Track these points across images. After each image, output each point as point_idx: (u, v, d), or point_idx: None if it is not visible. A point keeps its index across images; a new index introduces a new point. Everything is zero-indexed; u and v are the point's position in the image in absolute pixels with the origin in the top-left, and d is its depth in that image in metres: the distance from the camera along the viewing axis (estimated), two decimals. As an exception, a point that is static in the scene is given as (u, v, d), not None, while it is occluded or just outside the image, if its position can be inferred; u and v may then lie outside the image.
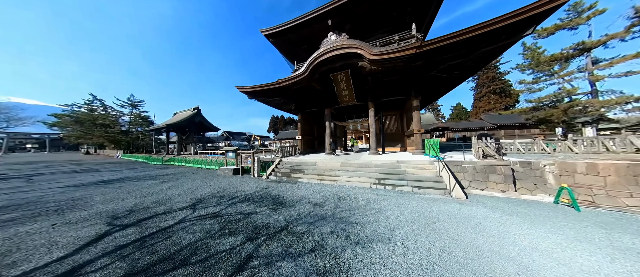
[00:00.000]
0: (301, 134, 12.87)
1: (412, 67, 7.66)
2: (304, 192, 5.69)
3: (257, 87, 10.38)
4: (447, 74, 8.47)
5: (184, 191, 6.28)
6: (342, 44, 7.35)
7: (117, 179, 8.82)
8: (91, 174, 10.58)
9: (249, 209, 4.35)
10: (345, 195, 5.27)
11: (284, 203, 4.69)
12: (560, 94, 11.88)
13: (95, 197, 5.63)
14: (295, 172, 8.15)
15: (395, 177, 6.22)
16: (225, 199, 5.14)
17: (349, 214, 3.94)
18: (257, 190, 6.12)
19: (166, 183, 7.68)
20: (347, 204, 4.56)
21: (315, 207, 4.34)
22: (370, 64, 7.34)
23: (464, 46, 5.88)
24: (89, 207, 4.75)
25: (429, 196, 5.01)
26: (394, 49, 6.54)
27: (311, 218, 3.74)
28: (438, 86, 9.67)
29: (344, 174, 7.06)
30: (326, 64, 8.23)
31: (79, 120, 27.41)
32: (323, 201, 4.79)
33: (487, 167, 5.55)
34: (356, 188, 6.08)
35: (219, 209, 4.33)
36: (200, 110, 20.37)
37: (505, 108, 37.81)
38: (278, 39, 12.03)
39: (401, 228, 3.25)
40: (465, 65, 7.52)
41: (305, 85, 9.25)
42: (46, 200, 5.44)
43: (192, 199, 5.28)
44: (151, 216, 4.02)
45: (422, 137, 9.10)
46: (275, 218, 3.75)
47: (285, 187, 6.42)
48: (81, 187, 7.10)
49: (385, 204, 4.45)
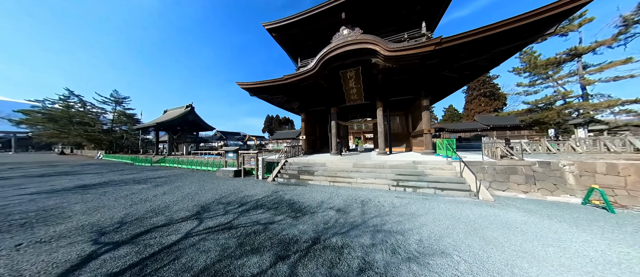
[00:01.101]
0: (305, 133, 12.36)
1: (424, 65, 7.48)
2: (319, 196, 5.22)
3: (260, 83, 9.74)
4: (458, 74, 8.42)
5: (183, 196, 5.56)
6: (355, 38, 6.99)
7: (100, 184, 7.76)
8: (67, 178, 9.31)
9: (265, 217, 3.81)
10: (366, 199, 4.88)
11: (303, 210, 4.20)
12: (555, 97, 12.43)
13: (75, 207, 4.76)
14: (304, 174, 7.65)
15: (414, 178, 5.95)
16: (233, 206, 4.54)
17: (381, 221, 3.54)
18: (267, 194, 5.55)
19: (160, 187, 6.84)
20: (374, 209, 4.17)
21: (341, 214, 3.90)
22: (384, 61, 7.05)
23: (484, 44, 5.76)
24: (66, 219, 3.94)
25: (455, 199, 4.76)
26: (412, 45, 6.28)
27: (341, 227, 3.30)
28: (446, 86, 9.64)
29: (358, 176, 6.69)
30: (337, 60, 7.83)
31: (53, 117, 24.71)
32: (345, 206, 4.37)
33: (507, 167, 5.44)
34: (374, 191, 5.73)
35: (229, 219, 3.75)
36: (193, 108, 19.08)
37: (494, 110, 39.83)
38: (281, 34, 11.43)
39: (447, 237, 2.91)
40: (478, 64, 7.47)
41: (313, 82, 8.78)
42: (9, 211, 4.49)
43: (195, 206, 4.61)
44: (148, 229, 3.35)
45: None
46: (301, 229, 3.26)
47: (297, 190, 5.91)
48: (56, 194, 6.09)
49: (414, 209, 4.12)
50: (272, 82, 9.45)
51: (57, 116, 24.78)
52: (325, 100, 11.29)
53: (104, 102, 26.91)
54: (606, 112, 11.15)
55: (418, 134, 10.81)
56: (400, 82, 9.37)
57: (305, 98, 11.74)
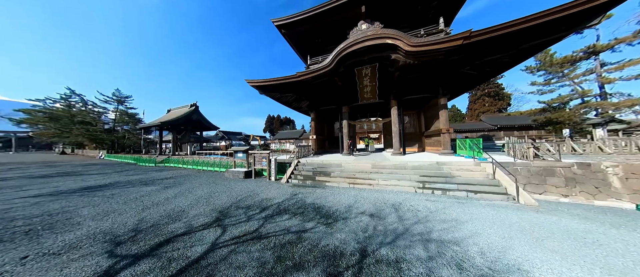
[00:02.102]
0: (315, 133, 12.01)
1: (445, 62, 7.14)
2: (344, 199, 4.87)
3: (270, 80, 9.40)
4: (478, 71, 8.07)
5: (196, 199, 5.20)
6: (375, 33, 6.65)
7: (106, 185, 7.41)
8: (71, 179, 8.96)
9: (294, 225, 3.46)
10: (396, 202, 4.53)
11: (332, 215, 3.85)
12: (572, 96, 12.09)
13: (82, 211, 4.41)
14: (319, 175, 7.29)
15: (441, 180, 5.60)
16: (254, 211, 4.18)
17: (424, 228, 3.19)
18: (286, 198, 5.19)
19: (170, 189, 6.49)
20: (409, 214, 3.82)
21: (377, 220, 3.55)
22: (405, 57, 6.71)
23: (515, 38, 5.42)
24: (75, 225, 3.59)
25: (492, 203, 4.41)
26: (438, 40, 5.94)
27: (384, 236, 2.95)
28: (464, 83, 9.28)
29: (379, 177, 6.34)
30: (354, 56, 7.49)
31: (54, 116, 24.35)
32: (377, 211, 4.02)
33: (544, 169, 5.09)
34: (399, 193, 5.38)
35: (255, 227, 3.39)
36: (198, 107, 18.71)
37: (498, 110, 39.49)
38: (291, 30, 11.10)
39: (511, 249, 2.56)
40: (501, 61, 7.13)
41: (327, 79, 8.43)
42: (12, 216, 4.14)
43: (212, 211, 4.26)
44: (168, 238, 3.00)
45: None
46: (340, 238, 2.91)
47: (316, 193, 5.56)
48: (60, 197, 5.74)
49: (454, 214, 3.77)
50: (284, 80, 9.11)
51: (59, 115, 24.43)
52: (337, 99, 10.95)
53: (106, 101, 26.56)
54: (627, 112, 10.81)
55: (433, 133, 10.46)
56: (417, 80, 9.02)
57: (315, 96, 11.39)
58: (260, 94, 10.44)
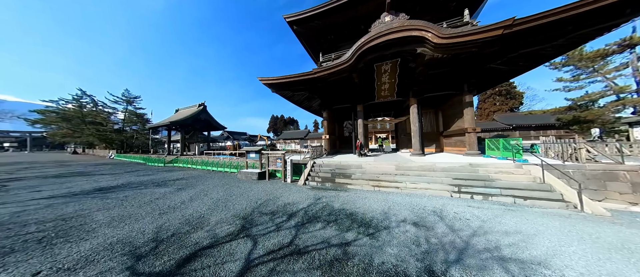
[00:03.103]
0: (327, 133, 11.59)
1: (476, 55, 6.60)
2: (375, 204, 4.42)
3: (284, 78, 9.04)
4: (509, 65, 7.46)
5: (214, 203, 4.86)
6: (401, 25, 6.16)
7: (118, 186, 7.20)
8: (84, 179, 8.84)
9: (332, 235, 3.03)
10: (436, 208, 4.05)
11: (371, 224, 3.41)
12: (605, 92, 11.23)
13: (97, 215, 4.13)
14: (339, 177, 6.86)
15: (479, 184, 5.07)
16: (281, 218, 3.79)
17: (487, 242, 2.71)
18: (311, 202, 4.78)
19: (184, 191, 6.19)
20: (460, 223, 3.34)
21: (425, 231, 3.09)
22: (434, 50, 6.20)
23: (568, 25, 4.84)
24: (90, 233, 3.28)
25: (550, 211, 3.87)
26: (474, 30, 5.41)
27: (445, 252, 2.49)
28: (491, 79, 8.66)
29: (407, 180, 5.85)
30: (376, 51, 7.02)
31: (66, 117, 24.86)
32: (420, 219, 3.56)
33: (603, 173, 4.49)
34: (433, 198, 4.90)
35: (289, 238, 2.99)
36: (206, 107, 18.63)
37: (510, 109, 38.05)
38: (304, 26, 10.72)
39: (618, 275, 2.05)
40: (540, 53, 6.51)
41: (346, 76, 7.99)
42: (25, 220, 3.89)
43: (234, 217, 3.89)
44: (193, 251, 2.63)
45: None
46: (393, 254, 2.47)
47: (342, 197, 5.12)
48: (74, 199, 5.51)
49: (512, 224, 3.26)
50: (298, 77, 8.73)
51: (70, 116, 24.92)
52: (351, 97, 10.49)
53: (116, 101, 26.96)
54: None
55: (454, 133, 9.86)
56: (439, 76, 8.47)
57: (329, 94, 10.97)
58: (273, 92, 10.10)
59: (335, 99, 11.18)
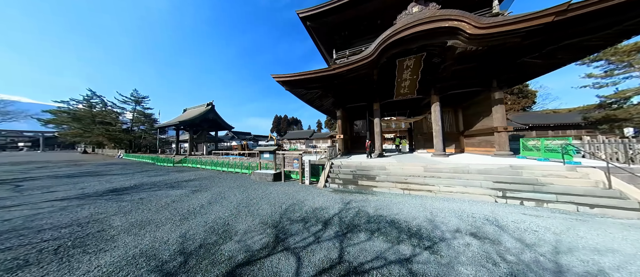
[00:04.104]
0: (341, 132, 11.16)
1: (512, 48, 6.06)
2: (413, 210, 3.97)
3: (299, 75, 8.66)
4: (546, 59, 6.86)
5: (236, 208, 4.50)
6: (433, 15, 5.68)
7: (131, 187, 6.96)
8: (96, 179, 8.69)
9: (384, 249, 2.61)
10: (488, 216, 3.57)
11: (422, 235, 2.96)
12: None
13: (114, 220, 3.82)
14: (362, 179, 6.43)
15: (527, 188, 4.55)
16: (315, 226, 3.39)
17: (580, 263, 2.24)
18: (341, 207, 4.36)
19: (199, 194, 5.88)
20: (526, 235, 2.87)
21: (490, 245, 2.62)
22: (468, 42, 5.69)
23: (630, 9, 4.27)
24: (109, 242, 2.96)
25: (632, 222, 3.33)
26: (519, 17, 4.87)
27: (536, 275, 2.02)
28: (523, 75, 8.04)
29: (440, 183, 5.37)
30: (401, 45, 6.55)
31: (77, 117, 25.27)
32: (475, 229, 3.09)
33: (679, 177, 3.90)
34: (476, 203, 4.42)
35: (336, 252, 2.58)
36: (214, 106, 18.50)
37: (522, 109, 36.70)
38: (318, 22, 10.32)
39: None
40: (584, 45, 5.91)
41: (365, 72, 7.55)
42: (39, 225, 3.61)
43: (262, 225, 3.51)
44: (231, 269, 2.25)
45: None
46: (470, 275, 2.02)
47: (372, 201, 4.68)
48: (88, 200, 5.27)
49: (596, 239, 2.77)
50: (314, 74, 8.33)
51: (81, 116, 25.31)
52: (368, 95, 10.03)
53: (125, 101, 27.23)
54: None
55: (479, 132, 9.28)
56: (466, 71, 7.93)
57: (344, 92, 10.55)
58: (286, 89, 9.76)
59: (350, 97, 10.74)
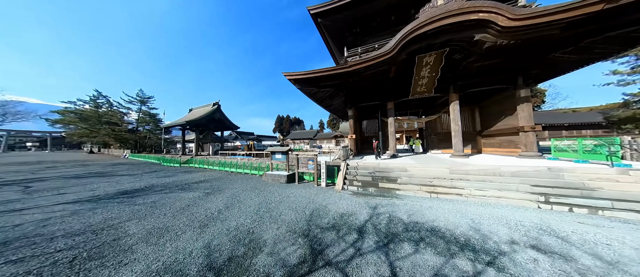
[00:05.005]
0: (353, 132, 10.83)
1: (543, 42, 5.65)
2: (450, 216, 3.62)
3: (312, 72, 8.35)
4: (579, 54, 6.42)
5: (256, 213, 4.21)
6: (461, 6, 5.29)
7: (142, 189, 6.75)
8: (105, 180, 8.52)
9: (440, 264, 2.28)
10: (542, 226, 3.21)
11: (474, 246, 2.62)
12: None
13: (129, 227, 3.57)
14: (382, 181, 6.10)
15: (574, 193, 4.16)
16: (351, 235, 3.07)
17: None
18: (370, 213, 4.03)
19: (214, 197, 5.61)
20: (601, 250, 2.52)
21: (563, 262, 2.27)
22: (500, 35, 5.30)
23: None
24: (128, 254, 2.69)
25: None
26: (561, 7, 4.46)
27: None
28: (552, 71, 7.58)
29: (470, 186, 5.01)
30: (423, 40, 6.19)
31: (84, 117, 25.45)
32: (533, 241, 2.75)
33: None
34: (516, 209, 4.08)
35: (387, 268, 2.26)
36: (220, 106, 18.33)
37: (532, 108, 35.80)
38: (330, 19, 10.02)
39: None
40: (630, 36, 5.45)
41: (384, 69, 7.21)
42: (51, 232, 3.38)
43: (291, 233, 3.21)
44: (271, 289, 1.95)
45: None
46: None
47: (400, 206, 4.34)
48: (99, 204, 5.05)
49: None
50: (328, 71, 8.01)
51: (88, 116, 25.48)
52: (382, 94, 9.68)
53: (130, 101, 27.33)
54: None
55: (501, 132, 8.86)
56: (489, 68, 7.52)
57: (356, 91, 10.20)
58: (297, 87, 9.46)
59: (363, 96, 10.39)
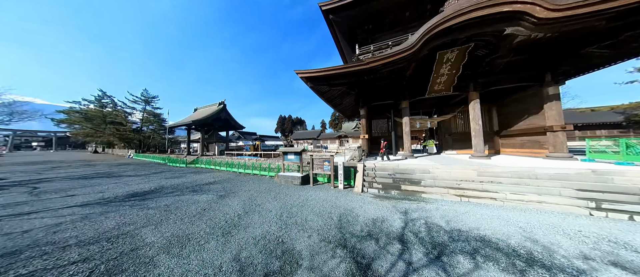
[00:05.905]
0: (365, 132, 10.50)
1: (577, 36, 5.28)
2: (495, 224, 3.29)
3: (325, 70, 8.04)
4: (616, 49, 6.02)
5: (278, 218, 3.92)
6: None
7: (152, 191, 6.49)
8: (113, 181, 8.30)
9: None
10: (608, 237, 2.87)
11: (544, 262, 2.30)
12: None
13: (146, 234, 3.29)
14: (404, 183, 5.79)
15: (632, 199, 3.81)
16: (394, 245, 2.75)
17: None
18: (403, 219, 3.71)
19: (229, 200, 5.33)
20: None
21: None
22: (535, 28, 4.94)
23: None
24: (149, 267, 2.40)
25: None
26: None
27: None
28: (582, 67, 7.17)
29: (504, 190, 4.67)
30: (448, 34, 5.83)
31: (88, 117, 25.45)
32: (617, 259, 2.41)
33: None
34: (565, 216, 3.75)
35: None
36: (225, 106, 18.12)
37: (539, 108, 35.22)
38: (341, 15, 9.74)
39: None
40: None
41: (404, 65, 6.87)
42: (63, 239, 3.11)
43: (325, 242, 2.91)
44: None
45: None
46: None
47: (431, 210, 4.01)
48: (110, 207, 4.79)
49: None
50: (343, 69, 7.70)
51: (92, 116, 25.48)
52: (397, 92, 9.33)
53: (135, 101, 27.29)
54: None
55: (524, 132, 8.48)
56: (513, 64, 7.16)
57: (370, 90, 9.88)
58: (309, 86, 9.16)
59: (376, 95, 10.05)
